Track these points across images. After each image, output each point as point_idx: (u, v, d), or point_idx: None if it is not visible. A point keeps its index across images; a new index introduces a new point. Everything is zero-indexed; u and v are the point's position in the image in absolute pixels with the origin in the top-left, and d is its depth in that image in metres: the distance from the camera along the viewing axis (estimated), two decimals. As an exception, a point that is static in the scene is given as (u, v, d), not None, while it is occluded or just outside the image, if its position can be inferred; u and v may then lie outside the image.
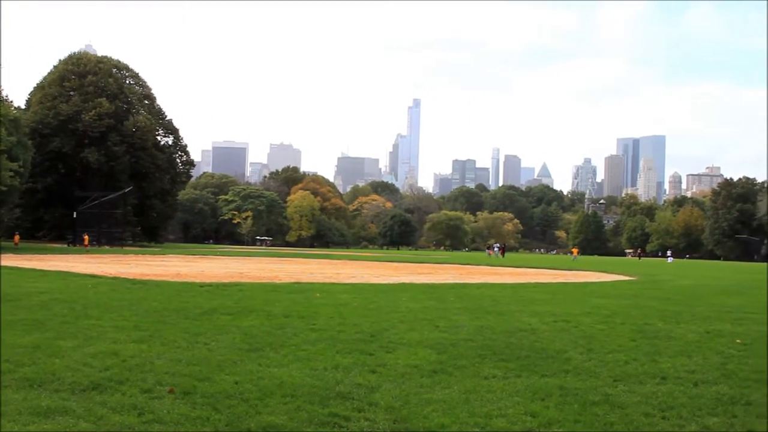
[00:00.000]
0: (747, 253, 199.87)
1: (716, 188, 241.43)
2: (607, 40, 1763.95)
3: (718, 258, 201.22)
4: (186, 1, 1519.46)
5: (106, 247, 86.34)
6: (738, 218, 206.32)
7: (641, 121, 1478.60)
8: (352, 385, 9.69)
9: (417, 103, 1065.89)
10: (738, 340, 15.06)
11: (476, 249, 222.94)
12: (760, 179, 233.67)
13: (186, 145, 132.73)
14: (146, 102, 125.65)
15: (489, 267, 61.94)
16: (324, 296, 23.21)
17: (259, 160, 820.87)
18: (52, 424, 7.67)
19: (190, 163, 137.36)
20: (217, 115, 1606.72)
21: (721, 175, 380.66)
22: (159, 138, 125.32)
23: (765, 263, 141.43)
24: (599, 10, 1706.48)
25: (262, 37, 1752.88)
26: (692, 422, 8.44)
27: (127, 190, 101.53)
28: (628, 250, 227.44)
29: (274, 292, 24.78)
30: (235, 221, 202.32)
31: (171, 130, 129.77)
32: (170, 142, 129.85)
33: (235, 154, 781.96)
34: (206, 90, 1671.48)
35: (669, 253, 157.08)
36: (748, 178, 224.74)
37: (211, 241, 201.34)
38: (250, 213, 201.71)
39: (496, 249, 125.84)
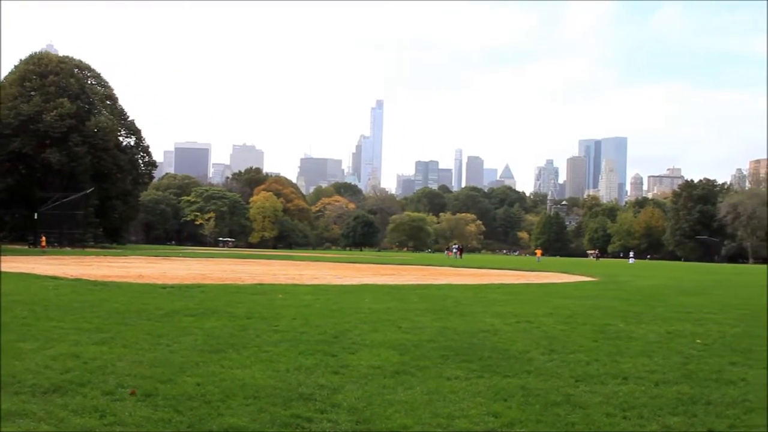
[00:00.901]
0: (707, 254, 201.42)
1: (677, 189, 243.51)
2: (571, 41, 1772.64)
3: (678, 259, 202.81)
4: (146, 0, 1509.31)
5: (68, 249, 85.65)
6: (698, 219, 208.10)
7: (603, 122, 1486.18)
8: (315, 386, 9.68)
9: (380, 104, 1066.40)
10: (698, 340, 15.17)
11: (439, 250, 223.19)
12: (720, 181, 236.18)
13: (148, 146, 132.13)
14: (108, 102, 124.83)
15: (452, 268, 62.03)
16: (287, 297, 23.18)
17: (221, 161, 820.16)
18: (13, 427, 7.62)
19: (153, 164, 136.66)
20: (180, 115, 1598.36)
21: (682, 177, 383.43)
22: (121, 139, 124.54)
23: (729, 264, 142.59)
24: (564, 11, 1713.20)
25: (224, 38, 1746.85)
26: (653, 422, 8.50)
27: (88, 191, 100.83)
28: (589, 251, 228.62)
29: (236, 293, 24.70)
30: (197, 222, 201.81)
31: (133, 130, 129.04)
32: (132, 143, 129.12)
33: (197, 155, 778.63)
34: (169, 90, 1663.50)
35: (631, 254, 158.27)
36: (708, 180, 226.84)
37: (173, 242, 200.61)
38: (212, 214, 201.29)
39: (454, 250, 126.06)
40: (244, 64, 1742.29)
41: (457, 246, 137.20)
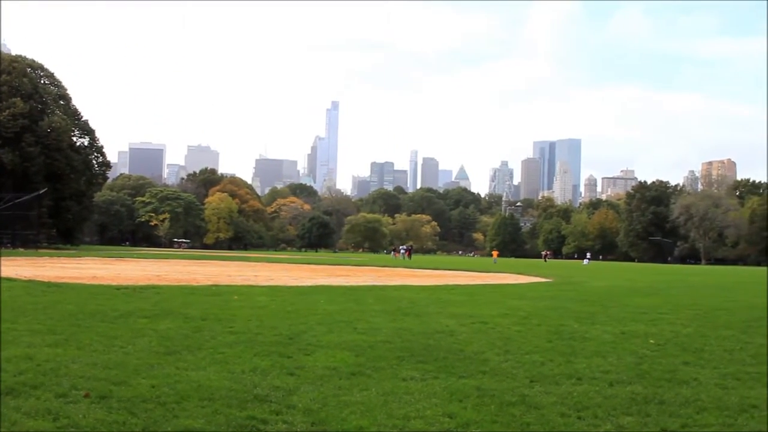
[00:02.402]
0: (660, 255, 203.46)
1: (631, 191, 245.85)
2: (528, 42, 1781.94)
3: (632, 260, 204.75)
4: (100, 0, 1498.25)
5: (21, 250, 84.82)
6: (652, 220, 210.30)
7: (558, 124, 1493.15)
8: (270, 388, 9.65)
9: (335, 105, 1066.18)
10: (651, 341, 15.29)
11: (395, 251, 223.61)
12: (673, 182, 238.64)
13: (102, 147, 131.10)
14: (62, 102, 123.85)
15: (407, 269, 62.07)
16: (242, 299, 23.09)
17: (176, 161, 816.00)
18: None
19: (107, 165, 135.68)
20: (134, 116, 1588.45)
21: (636, 178, 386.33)
22: (75, 139, 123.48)
23: (682, 265, 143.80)
24: (522, 13, 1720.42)
25: (178, 37, 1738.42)
26: (607, 422, 8.55)
27: (41, 191, 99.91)
28: (543, 253, 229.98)
29: (191, 294, 24.57)
30: (152, 223, 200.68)
31: (87, 131, 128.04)
32: (86, 143, 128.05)
33: (152, 155, 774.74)
34: (122, 91, 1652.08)
35: (588, 255, 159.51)
36: (661, 181, 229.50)
37: (127, 243, 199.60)
38: (167, 215, 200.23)
39: (402, 251, 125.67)
40: (199, 64, 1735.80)
41: (404, 247, 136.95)
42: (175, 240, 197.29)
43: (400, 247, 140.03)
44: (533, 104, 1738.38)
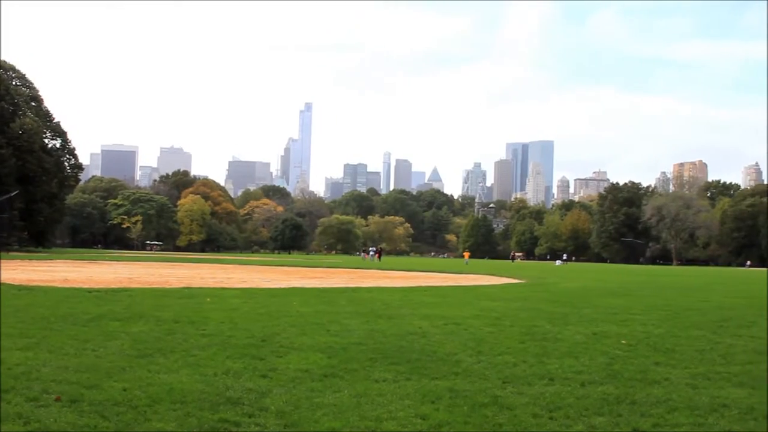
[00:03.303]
0: (632, 256, 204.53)
1: (603, 192, 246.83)
2: (502, 44, 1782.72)
3: (604, 260, 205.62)
4: (70, 0, 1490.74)
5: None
6: (624, 222, 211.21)
7: (531, 125, 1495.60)
8: (243, 390, 9.63)
9: (308, 107, 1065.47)
10: (623, 341, 15.37)
11: (365, 252, 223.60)
12: (645, 184, 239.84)
13: (74, 148, 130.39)
14: (33, 104, 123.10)
15: (380, 271, 62.06)
16: (214, 301, 23.04)
17: (149, 163, 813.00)
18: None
19: (79, 167, 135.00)
20: (107, 118, 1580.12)
21: (608, 180, 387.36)
22: (46, 141, 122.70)
23: (654, 266, 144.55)
24: (495, 15, 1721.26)
25: (150, 38, 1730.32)
26: (579, 422, 8.59)
27: (13, 193, 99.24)
28: (517, 254, 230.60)
29: (163, 297, 24.50)
30: (124, 226, 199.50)
31: (59, 132, 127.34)
32: (58, 145, 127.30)
33: (124, 157, 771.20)
34: (95, 93, 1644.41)
35: (564, 256, 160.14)
36: (633, 183, 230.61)
37: (100, 245, 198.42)
38: (139, 217, 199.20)
39: (371, 252, 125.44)
40: (171, 65, 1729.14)
41: (373, 248, 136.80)
42: (148, 242, 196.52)
43: (369, 248, 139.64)
44: (507, 106, 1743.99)
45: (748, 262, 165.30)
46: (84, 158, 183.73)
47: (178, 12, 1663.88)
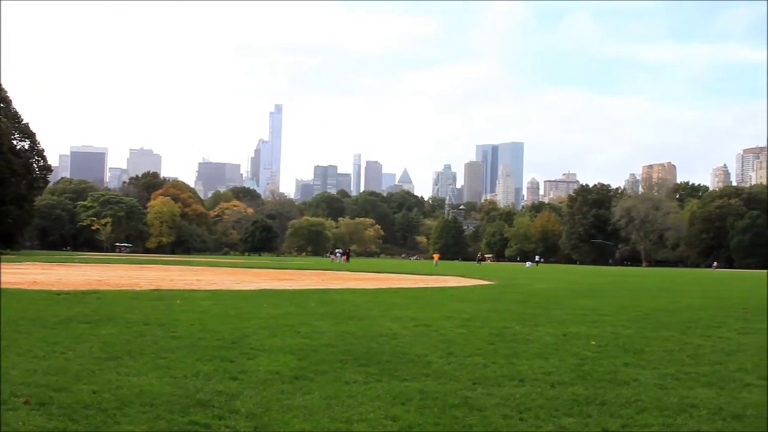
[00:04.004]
0: (602, 257, 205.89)
1: (573, 194, 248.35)
2: (474, 46, 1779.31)
3: (574, 262, 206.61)
4: (37, 1, 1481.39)
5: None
6: (593, 223, 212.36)
7: (502, 127, 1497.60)
8: (213, 393, 9.61)
9: (279, 108, 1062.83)
10: (593, 342, 15.43)
11: (332, 254, 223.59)
12: (614, 185, 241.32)
13: (43, 150, 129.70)
14: (1, 105, 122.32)
15: (350, 273, 62.04)
16: (184, 303, 22.97)
17: (118, 165, 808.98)
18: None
19: (48, 168, 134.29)
20: (76, 119, 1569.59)
21: (578, 182, 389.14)
22: (15, 142, 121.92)
23: (623, 267, 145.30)
24: (469, 17, 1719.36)
25: (120, 39, 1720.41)
26: (549, 423, 8.61)
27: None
28: (487, 255, 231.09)
29: (133, 299, 24.42)
30: (93, 228, 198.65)
31: (27, 134, 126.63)
32: (27, 147, 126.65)
33: (93, 159, 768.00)
34: (64, 94, 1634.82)
35: (536, 258, 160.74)
36: (603, 185, 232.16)
37: (69, 247, 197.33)
38: (109, 219, 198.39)
39: (338, 254, 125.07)
40: (141, 66, 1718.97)
41: (340, 250, 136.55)
42: (117, 244, 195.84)
43: (336, 250, 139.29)
44: (477, 108, 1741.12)
45: (715, 263, 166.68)
46: (53, 160, 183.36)
47: (147, 13, 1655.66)
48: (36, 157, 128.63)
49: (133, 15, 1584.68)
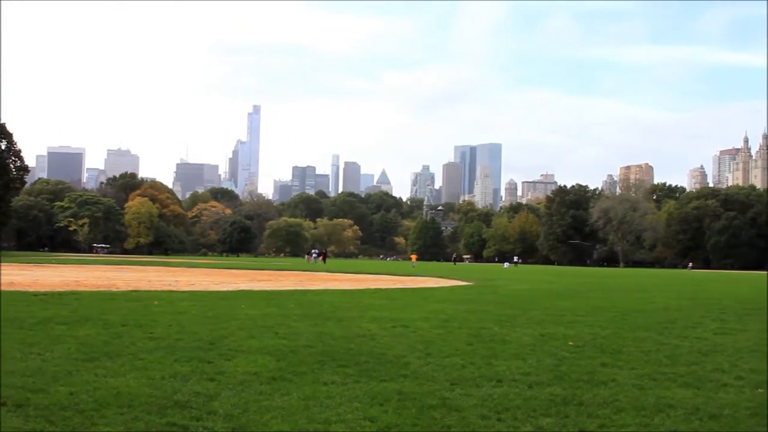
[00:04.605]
0: (579, 258, 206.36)
1: (550, 195, 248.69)
2: (453, 47, 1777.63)
3: (552, 263, 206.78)
4: (13, 0, 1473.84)
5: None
6: (571, 224, 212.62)
7: (480, 128, 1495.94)
8: (191, 394, 9.60)
9: (257, 109, 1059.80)
10: (570, 343, 15.49)
11: (308, 255, 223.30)
12: (592, 186, 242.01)
13: (20, 150, 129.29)
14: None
15: (328, 273, 61.99)
16: (162, 304, 22.92)
17: (96, 165, 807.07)
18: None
19: (24, 169, 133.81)
20: (52, 119, 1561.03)
21: (555, 183, 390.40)
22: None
23: (601, 267, 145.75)
24: (447, 18, 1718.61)
25: (97, 39, 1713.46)
26: (527, 423, 8.64)
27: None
28: (465, 256, 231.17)
29: (111, 300, 24.37)
30: (71, 228, 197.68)
31: (4, 134, 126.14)
32: (3, 147, 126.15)
33: (71, 159, 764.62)
34: (41, 94, 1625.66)
35: (515, 258, 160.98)
36: (580, 186, 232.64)
37: (46, 248, 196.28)
38: (86, 220, 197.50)
39: (314, 254, 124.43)
40: (118, 66, 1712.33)
41: (316, 251, 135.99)
42: (95, 245, 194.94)
43: (313, 251, 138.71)
44: (455, 109, 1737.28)
45: (690, 264, 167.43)
46: (30, 160, 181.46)
47: (125, 12, 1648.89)
48: (13, 158, 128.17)
49: (110, 15, 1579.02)
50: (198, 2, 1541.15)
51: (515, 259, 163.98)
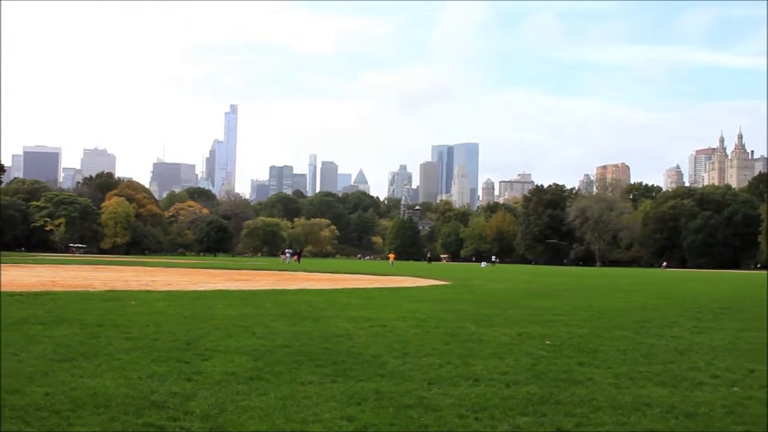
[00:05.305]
0: (556, 257, 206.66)
1: (527, 194, 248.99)
2: (432, 47, 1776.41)
3: (529, 262, 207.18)
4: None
5: None
6: (548, 224, 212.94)
7: (458, 128, 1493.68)
8: (168, 394, 9.57)
9: (234, 108, 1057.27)
10: (547, 342, 15.52)
11: (282, 254, 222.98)
12: (569, 186, 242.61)
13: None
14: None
15: (305, 273, 61.91)
16: (139, 304, 22.84)
17: (72, 165, 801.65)
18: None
19: (0, 168, 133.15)
20: (28, 118, 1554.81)
21: (532, 182, 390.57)
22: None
23: (577, 267, 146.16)
24: (423, 17, 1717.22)
25: (73, 38, 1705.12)
26: (504, 422, 8.66)
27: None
28: (443, 255, 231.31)
29: (87, 300, 24.26)
30: (47, 228, 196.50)
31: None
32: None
33: (47, 158, 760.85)
34: (17, 93, 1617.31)
35: (492, 258, 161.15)
36: (557, 185, 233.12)
37: (22, 248, 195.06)
38: (62, 220, 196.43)
39: (288, 254, 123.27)
40: (95, 65, 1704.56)
41: (290, 250, 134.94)
42: (71, 245, 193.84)
43: (287, 250, 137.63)
44: (435, 109, 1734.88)
45: (665, 263, 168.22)
46: (6, 159, 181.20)
47: (102, 11, 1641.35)
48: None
49: (87, 13, 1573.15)
50: (175, 1, 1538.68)
51: (492, 258, 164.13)
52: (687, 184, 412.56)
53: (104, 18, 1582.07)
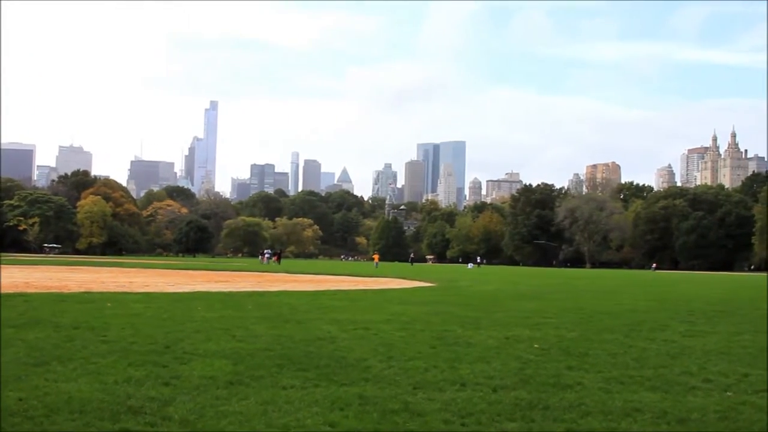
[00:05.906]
0: (545, 258, 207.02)
1: (515, 194, 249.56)
2: (416, 45, 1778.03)
3: (517, 263, 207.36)
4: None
5: None
6: (536, 224, 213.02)
7: (445, 126, 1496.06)
8: (145, 399, 9.43)
9: (214, 105, 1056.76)
10: (536, 345, 15.42)
11: (262, 255, 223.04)
12: (558, 185, 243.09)
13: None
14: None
15: (288, 275, 61.93)
16: (115, 306, 22.70)
17: (47, 162, 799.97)
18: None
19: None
20: (2, 115, 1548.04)
21: (521, 182, 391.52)
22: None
23: (566, 268, 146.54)
24: (412, 14, 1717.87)
25: (48, 34, 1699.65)
26: (491, 428, 8.57)
27: None
28: (428, 256, 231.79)
29: (62, 302, 24.07)
30: (21, 228, 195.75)
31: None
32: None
33: (21, 156, 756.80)
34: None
35: (478, 259, 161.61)
36: (546, 185, 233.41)
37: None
38: (37, 219, 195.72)
39: (267, 255, 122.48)
40: (71, 61, 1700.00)
41: (269, 251, 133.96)
42: (46, 245, 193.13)
43: (266, 251, 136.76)
44: (421, 106, 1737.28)
45: (654, 265, 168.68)
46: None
47: (79, 6, 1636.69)
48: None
49: (64, 7, 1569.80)
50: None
51: (479, 259, 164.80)
52: (679, 184, 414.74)
53: (81, 12, 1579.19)
